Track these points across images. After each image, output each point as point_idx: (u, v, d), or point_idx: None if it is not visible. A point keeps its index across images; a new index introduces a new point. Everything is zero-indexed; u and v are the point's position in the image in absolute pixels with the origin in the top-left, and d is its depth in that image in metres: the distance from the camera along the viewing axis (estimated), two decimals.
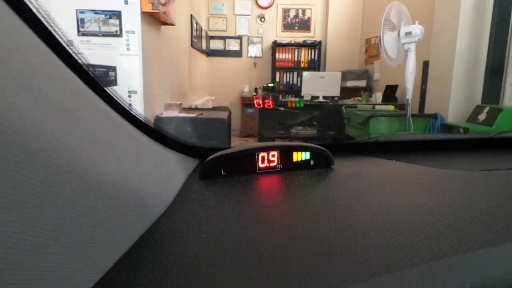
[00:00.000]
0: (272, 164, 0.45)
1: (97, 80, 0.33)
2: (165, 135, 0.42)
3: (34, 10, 0.27)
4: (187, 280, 0.24)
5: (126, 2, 2.21)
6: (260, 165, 0.45)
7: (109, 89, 0.35)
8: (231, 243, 0.29)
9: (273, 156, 0.45)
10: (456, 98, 2.83)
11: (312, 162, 0.46)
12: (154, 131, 0.40)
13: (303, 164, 0.46)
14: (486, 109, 2.45)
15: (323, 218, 0.32)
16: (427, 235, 0.27)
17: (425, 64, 3.35)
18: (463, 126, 2.45)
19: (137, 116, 0.37)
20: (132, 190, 0.29)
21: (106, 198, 0.26)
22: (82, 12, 2.19)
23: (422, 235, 0.27)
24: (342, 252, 0.26)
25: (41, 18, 0.28)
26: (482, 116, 2.44)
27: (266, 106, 3.67)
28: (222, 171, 0.45)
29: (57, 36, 0.29)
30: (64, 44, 0.30)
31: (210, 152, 0.47)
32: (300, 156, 0.46)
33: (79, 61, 0.31)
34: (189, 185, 0.42)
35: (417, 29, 2.53)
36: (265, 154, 0.45)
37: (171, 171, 0.41)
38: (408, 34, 2.55)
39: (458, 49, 2.76)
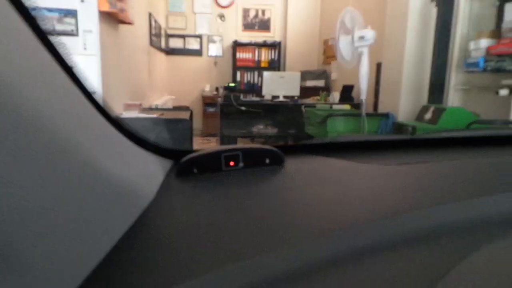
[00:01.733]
0: (235, 163, 0.52)
1: (84, 81, 0.36)
2: (144, 139, 0.47)
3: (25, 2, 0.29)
4: (176, 251, 0.31)
5: (82, 1, 2.15)
6: (226, 164, 0.51)
7: (94, 91, 0.38)
8: (206, 224, 0.37)
9: (236, 156, 0.52)
10: (405, 98, 3.03)
11: (267, 161, 0.54)
12: (134, 135, 0.45)
13: (261, 162, 0.53)
14: (432, 108, 2.65)
15: (272, 203, 0.42)
16: (336, 212, 0.39)
17: (379, 66, 3.55)
18: (411, 124, 2.63)
19: (117, 119, 0.42)
20: (120, 184, 0.35)
21: (97, 190, 0.30)
22: (32, 9, 2.10)
23: (332, 212, 0.39)
24: (284, 223, 0.36)
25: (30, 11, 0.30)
26: (428, 115, 2.65)
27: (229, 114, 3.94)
28: (195, 169, 0.50)
29: (41, 27, 0.31)
30: (49, 37, 0.32)
31: (182, 154, 0.54)
32: (258, 156, 0.55)
33: (64, 56, 0.34)
34: (168, 181, 0.49)
35: (369, 34, 2.68)
36: (229, 154, 0.51)
37: (151, 169, 0.48)
38: (361, 38, 2.70)
39: (407, 53, 2.96)
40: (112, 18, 2.59)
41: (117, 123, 0.42)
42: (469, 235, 0.35)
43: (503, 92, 2.45)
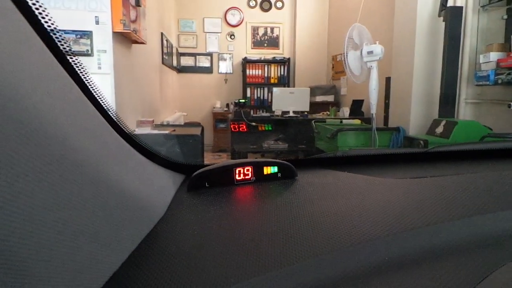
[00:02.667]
0: (247, 177, 0.53)
1: (99, 98, 0.38)
2: (157, 153, 0.48)
3: (41, 19, 0.31)
4: (185, 267, 0.31)
5: (97, 22, 2.23)
6: (237, 177, 0.52)
7: (109, 108, 0.40)
8: (218, 238, 0.37)
9: (248, 170, 0.53)
10: (416, 112, 3.02)
11: (279, 174, 0.54)
12: (146, 149, 0.46)
13: (272, 176, 0.54)
14: (443, 122, 2.64)
15: (285, 217, 0.42)
16: (351, 225, 0.39)
17: (388, 80, 3.56)
18: (423, 138, 2.61)
19: (132, 135, 0.43)
20: (134, 198, 0.35)
21: (112, 203, 0.31)
22: (51, 31, 2.19)
23: (348, 226, 0.39)
24: (298, 238, 0.36)
25: (47, 27, 0.31)
26: (439, 129, 2.63)
27: (241, 130, 4.15)
28: (206, 183, 0.52)
29: (60, 46, 0.33)
30: (67, 55, 0.34)
31: (193, 168, 0.54)
32: (269, 169, 0.56)
33: (80, 74, 0.35)
34: (179, 195, 0.50)
35: (378, 49, 2.70)
36: (241, 168, 0.53)
37: (163, 184, 0.49)
38: (370, 53, 2.72)
39: (416, 67, 2.97)
40: (126, 38, 2.67)
41: (131, 138, 0.43)
42: (491, 250, 0.34)
43: None
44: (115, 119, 0.41)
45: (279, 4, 6.28)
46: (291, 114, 4.39)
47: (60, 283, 0.23)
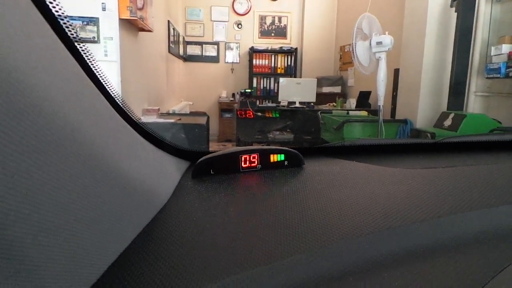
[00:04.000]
0: (253, 164, 0.52)
1: (106, 84, 0.37)
2: (162, 140, 0.48)
3: (53, 10, 0.31)
4: (186, 254, 0.31)
5: (104, 9, 2.22)
6: (243, 165, 0.51)
7: (117, 97, 0.39)
8: (220, 226, 0.37)
9: (254, 157, 0.52)
10: (424, 104, 2.98)
11: (286, 163, 0.53)
12: (153, 136, 0.45)
13: (279, 164, 0.53)
14: (451, 115, 2.60)
15: (292, 205, 0.41)
16: (361, 214, 0.38)
17: (396, 72, 3.51)
18: (430, 131, 2.58)
19: (137, 121, 0.43)
20: (138, 184, 0.35)
21: (116, 188, 0.31)
22: (60, 18, 2.18)
23: (357, 214, 0.38)
24: (303, 228, 0.35)
25: (60, 20, 0.31)
26: (447, 122, 2.59)
27: (247, 116, 4.05)
28: (211, 170, 0.51)
29: (69, 34, 0.33)
30: (76, 43, 0.34)
31: (199, 155, 0.54)
32: (276, 157, 0.54)
33: (89, 62, 0.35)
34: (184, 182, 0.49)
35: (387, 39, 2.66)
36: (247, 156, 0.52)
37: (168, 170, 0.48)
38: (379, 43, 2.68)
39: (425, 59, 2.92)
40: (132, 26, 2.66)
41: (136, 124, 0.43)
42: (508, 243, 0.33)
43: None
44: (121, 105, 0.40)
45: None
46: (297, 104, 4.36)
47: (58, 269, 0.22)
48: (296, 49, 6.15)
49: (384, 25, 3.16)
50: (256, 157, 0.53)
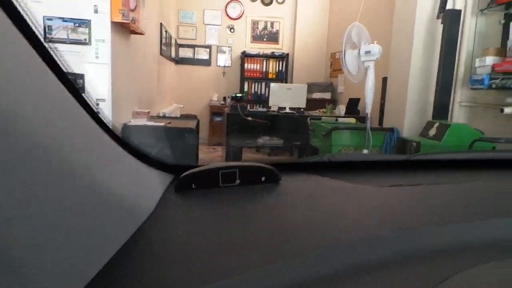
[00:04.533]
0: (232, 179, 0.54)
1: (85, 95, 0.37)
2: (145, 153, 0.49)
3: (19, 9, 0.28)
4: (168, 267, 0.33)
5: (96, 11, 2.23)
6: (223, 180, 0.53)
7: (93, 104, 0.39)
8: (201, 239, 0.39)
9: (233, 173, 0.54)
10: (410, 113, 3.05)
11: (263, 178, 0.56)
12: (137, 150, 0.47)
13: (257, 180, 0.55)
14: (436, 124, 2.66)
15: (266, 220, 0.45)
16: (317, 231, 0.41)
17: (384, 80, 3.57)
18: (416, 140, 2.64)
19: (118, 135, 0.44)
20: (120, 198, 0.36)
21: (96, 202, 0.31)
22: (49, 19, 2.18)
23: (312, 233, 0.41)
24: (274, 241, 0.38)
25: (26, 17, 0.29)
26: (432, 131, 2.65)
27: (237, 124, 4.14)
28: (193, 185, 0.53)
29: (40, 38, 0.31)
30: (49, 49, 0.32)
31: (182, 168, 0.55)
32: (254, 173, 0.57)
33: (63, 69, 0.33)
34: (167, 196, 0.51)
35: (375, 49, 2.71)
36: (227, 171, 0.53)
37: (151, 184, 0.49)
38: (367, 52, 2.73)
39: (412, 69, 2.98)
40: (124, 28, 2.66)
41: (118, 138, 0.43)
42: (449, 259, 0.36)
43: (508, 110, 2.46)
44: (101, 118, 0.40)
45: None
46: (287, 110, 4.40)
47: (44, 282, 0.23)
48: (287, 54, 6.21)
49: (374, 34, 3.23)
50: (236, 173, 0.55)
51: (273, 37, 6.37)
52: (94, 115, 0.38)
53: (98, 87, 2.30)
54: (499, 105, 2.56)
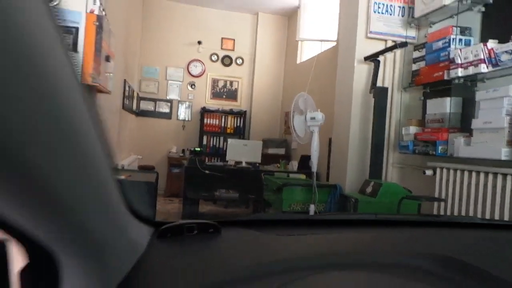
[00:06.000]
0: (191, 231, 0.74)
1: None
2: (136, 210, 0.59)
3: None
4: None
5: None
6: (188, 231, 0.73)
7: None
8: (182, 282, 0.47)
9: (192, 227, 0.74)
10: (351, 172, 3.43)
11: (211, 230, 0.72)
12: (130, 205, 0.55)
13: (205, 230, 0.73)
14: (372, 183, 3.03)
15: (202, 271, 0.55)
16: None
17: (330, 140, 4.00)
18: (355, 196, 2.98)
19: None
20: (102, 249, 0.38)
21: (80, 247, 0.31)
22: None
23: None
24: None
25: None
26: (369, 189, 3.01)
27: (194, 177, 4.10)
28: (168, 234, 0.69)
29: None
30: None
31: (161, 223, 0.69)
32: (202, 228, 0.72)
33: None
34: (151, 243, 0.62)
35: (319, 116, 3.12)
36: (193, 225, 0.73)
37: (136, 235, 0.56)
38: (312, 118, 3.12)
39: (352, 133, 3.42)
40: (92, 89, 2.86)
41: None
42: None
43: (428, 172, 2.89)
44: None
45: (239, 61, 6.80)
46: (243, 164, 4.67)
47: None
48: (245, 111, 6.62)
49: (320, 100, 3.67)
50: (195, 226, 0.72)
51: (232, 95, 6.81)
52: None
53: None
54: (422, 167, 3.00)
